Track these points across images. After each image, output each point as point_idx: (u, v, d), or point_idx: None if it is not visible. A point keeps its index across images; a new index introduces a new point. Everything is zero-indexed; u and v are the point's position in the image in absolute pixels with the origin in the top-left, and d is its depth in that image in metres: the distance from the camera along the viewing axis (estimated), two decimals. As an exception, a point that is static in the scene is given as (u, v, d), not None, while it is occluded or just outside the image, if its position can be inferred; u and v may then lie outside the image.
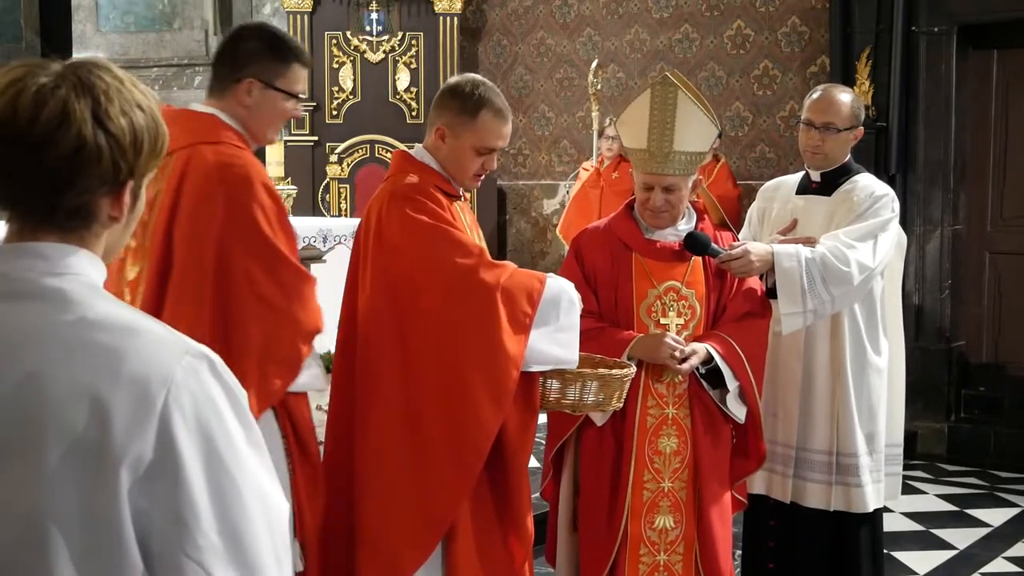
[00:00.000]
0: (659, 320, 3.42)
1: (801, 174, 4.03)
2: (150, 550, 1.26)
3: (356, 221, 6.30)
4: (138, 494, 1.24)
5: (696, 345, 3.37)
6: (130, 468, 1.24)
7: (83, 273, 1.35)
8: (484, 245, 3.04)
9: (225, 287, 2.55)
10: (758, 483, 3.89)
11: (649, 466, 3.40)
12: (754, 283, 3.57)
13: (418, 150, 3.08)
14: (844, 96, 3.89)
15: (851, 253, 3.60)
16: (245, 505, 1.29)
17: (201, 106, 2.76)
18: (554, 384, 2.96)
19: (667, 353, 3.32)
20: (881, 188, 3.86)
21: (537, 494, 3.58)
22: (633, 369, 3.14)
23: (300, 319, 2.64)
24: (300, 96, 2.81)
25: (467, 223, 3.07)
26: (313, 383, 2.78)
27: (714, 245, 3.45)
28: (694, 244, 3.43)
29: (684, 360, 3.32)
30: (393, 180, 3.01)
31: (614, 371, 3.05)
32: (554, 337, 2.90)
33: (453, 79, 3.10)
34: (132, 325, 1.31)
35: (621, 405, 3.12)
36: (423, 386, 2.86)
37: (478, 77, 3.08)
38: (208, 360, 1.32)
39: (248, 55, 2.74)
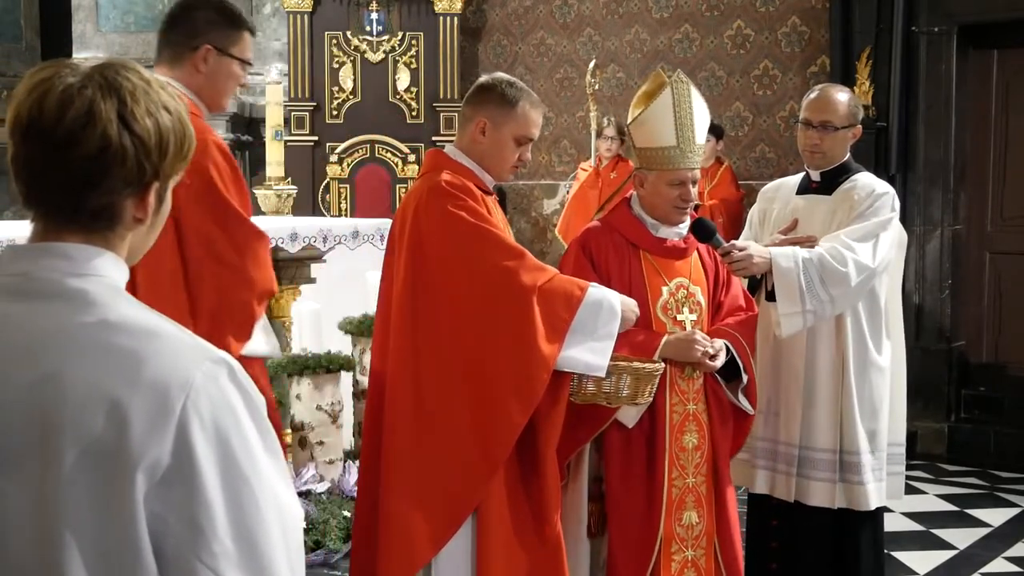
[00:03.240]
0: (675, 317, 3.42)
1: (801, 175, 4.04)
2: (164, 555, 1.26)
3: (356, 221, 6.32)
4: (154, 499, 1.24)
5: (718, 342, 3.39)
6: (146, 473, 1.24)
7: (106, 275, 1.34)
8: (513, 239, 3.09)
9: (182, 246, 2.57)
10: (761, 483, 3.89)
11: (675, 463, 3.40)
12: (736, 282, 3.61)
13: (450, 149, 3.16)
14: (841, 95, 3.91)
15: (849, 254, 3.61)
16: (261, 512, 1.29)
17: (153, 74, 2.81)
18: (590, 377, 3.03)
19: (700, 351, 3.33)
20: (881, 186, 3.86)
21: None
22: (662, 365, 3.19)
23: (254, 277, 2.67)
24: (249, 63, 2.93)
25: (499, 219, 3.13)
26: (263, 348, 2.79)
27: (719, 235, 3.47)
28: (703, 230, 3.44)
29: (714, 357, 3.35)
30: (429, 177, 3.07)
31: (646, 364, 3.12)
32: (589, 345, 2.94)
33: (482, 79, 3.21)
34: (153, 329, 1.31)
35: (651, 400, 3.17)
36: (453, 380, 2.91)
37: (505, 75, 3.21)
38: (228, 366, 1.32)
39: (204, 23, 2.83)
